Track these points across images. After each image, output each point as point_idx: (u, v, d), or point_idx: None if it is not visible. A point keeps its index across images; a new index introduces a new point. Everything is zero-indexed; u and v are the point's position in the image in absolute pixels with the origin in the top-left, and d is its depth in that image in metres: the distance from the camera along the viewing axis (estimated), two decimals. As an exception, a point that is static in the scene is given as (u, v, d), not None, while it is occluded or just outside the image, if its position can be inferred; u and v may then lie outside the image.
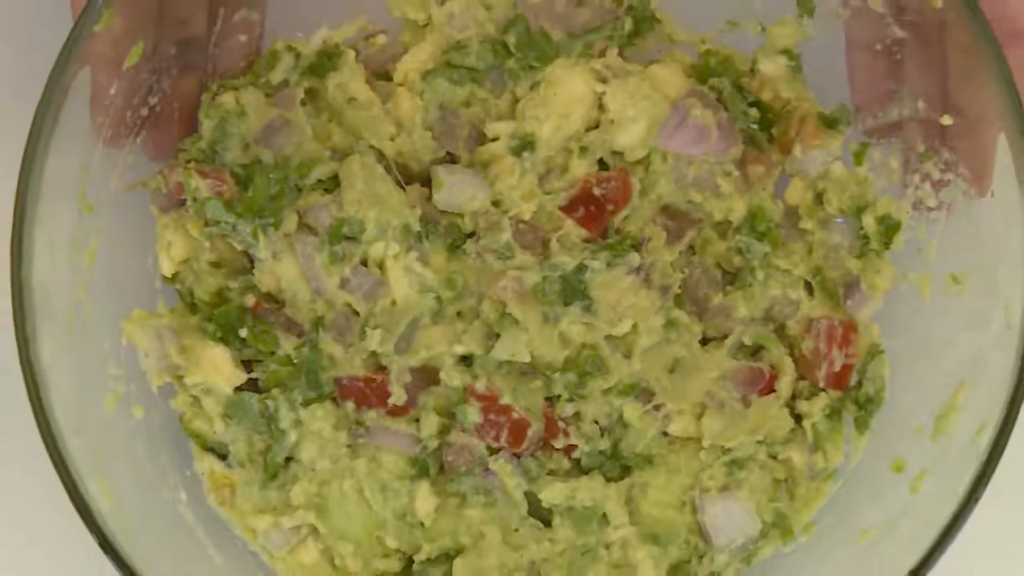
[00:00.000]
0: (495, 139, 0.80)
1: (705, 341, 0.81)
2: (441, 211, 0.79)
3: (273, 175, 0.76)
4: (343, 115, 0.80)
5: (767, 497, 0.79)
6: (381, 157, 0.80)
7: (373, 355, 0.78)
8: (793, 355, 0.80)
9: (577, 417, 0.79)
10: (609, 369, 0.78)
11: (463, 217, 0.79)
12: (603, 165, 0.81)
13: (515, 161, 0.79)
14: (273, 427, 0.78)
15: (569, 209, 0.79)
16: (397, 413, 0.79)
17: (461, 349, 0.78)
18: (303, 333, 0.78)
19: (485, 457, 0.78)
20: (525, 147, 0.79)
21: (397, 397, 0.78)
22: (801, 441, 0.79)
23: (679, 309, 0.80)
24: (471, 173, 0.79)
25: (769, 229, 0.79)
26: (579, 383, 0.78)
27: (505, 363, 0.78)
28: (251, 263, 0.79)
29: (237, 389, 0.78)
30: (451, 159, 0.82)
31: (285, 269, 0.78)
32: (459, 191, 0.78)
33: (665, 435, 0.80)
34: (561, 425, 0.79)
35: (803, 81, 0.80)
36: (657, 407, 0.79)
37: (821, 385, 0.79)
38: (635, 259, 0.78)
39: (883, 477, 0.76)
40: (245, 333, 0.78)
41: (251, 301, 0.78)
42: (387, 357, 0.78)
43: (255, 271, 0.79)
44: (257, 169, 0.77)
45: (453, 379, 0.78)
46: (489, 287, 0.78)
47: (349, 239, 0.77)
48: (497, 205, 0.79)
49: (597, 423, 0.80)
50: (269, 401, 0.78)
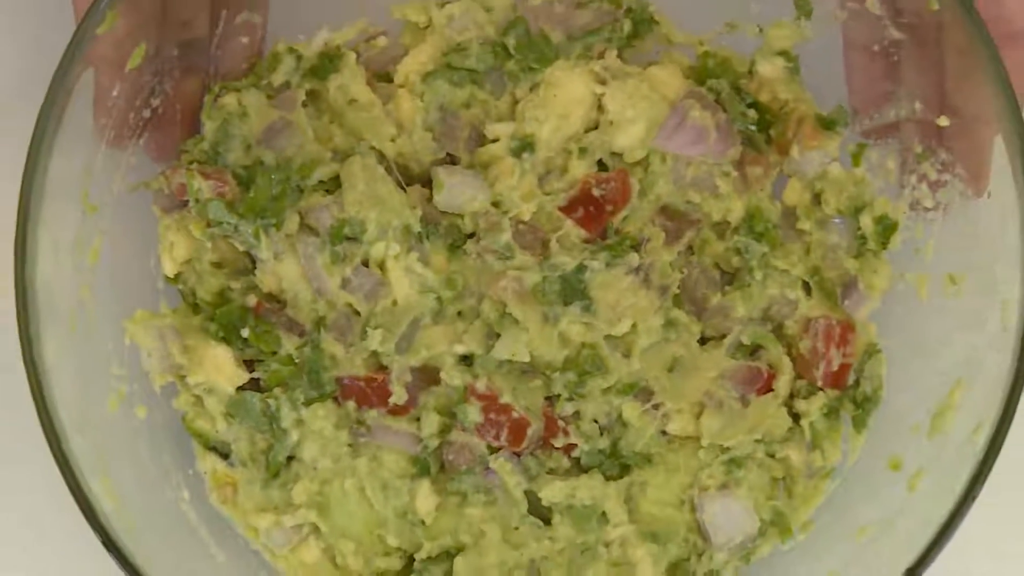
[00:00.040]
0: (495, 140, 0.80)
1: (704, 341, 0.81)
2: (441, 212, 0.79)
3: (275, 176, 0.76)
4: (344, 116, 0.80)
5: (765, 495, 0.79)
6: (382, 158, 0.80)
7: (374, 355, 0.78)
8: (791, 354, 0.80)
9: (577, 416, 0.79)
10: (608, 368, 0.78)
11: (463, 218, 0.79)
12: (602, 166, 0.81)
13: (515, 162, 0.79)
14: (275, 426, 0.78)
15: (569, 210, 0.79)
16: (398, 412, 0.79)
17: (461, 349, 0.78)
18: (305, 333, 0.78)
19: (485, 456, 0.78)
20: (525, 148, 0.79)
21: (398, 396, 0.78)
22: (799, 440, 0.79)
23: (678, 309, 0.80)
24: (471, 174, 0.79)
25: (767, 229, 0.79)
26: (579, 382, 0.78)
27: (505, 363, 0.78)
28: (253, 263, 0.79)
29: (239, 389, 0.78)
30: (451, 160, 0.82)
31: (287, 269, 0.78)
32: (459, 192, 0.78)
33: (664, 434, 0.80)
34: (561, 424, 0.79)
35: (801, 82, 0.80)
36: (656, 406, 0.79)
37: (819, 384, 0.79)
38: (634, 259, 0.78)
39: (880, 475, 0.76)
40: (247, 333, 0.78)
41: (253, 301, 0.78)
42: (388, 357, 0.78)
43: (257, 271, 0.79)
44: (259, 170, 0.77)
45: (453, 379, 0.78)
46: (489, 287, 0.78)
47: (350, 240, 0.77)
48: (497, 206, 0.79)
49: (596, 422, 0.80)
50: (271, 400, 0.78)
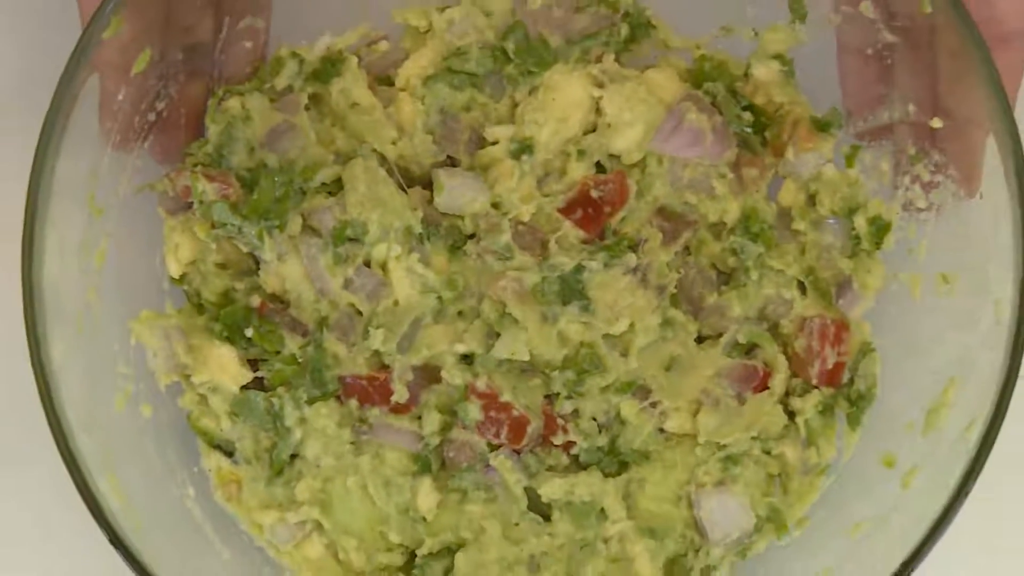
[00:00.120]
0: (495, 143, 0.80)
1: (700, 339, 0.81)
2: (442, 213, 0.79)
3: (278, 178, 0.76)
4: (346, 119, 0.80)
5: (761, 492, 0.79)
6: (383, 160, 0.80)
7: (376, 354, 0.78)
8: (786, 353, 0.80)
9: (575, 414, 0.79)
10: (607, 367, 0.78)
11: (464, 219, 0.79)
12: (600, 168, 0.81)
13: (514, 164, 0.79)
14: (278, 425, 0.78)
15: (567, 211, 0.79)
16: (400, 411, 0.79)
17: (462, 348, 0.78)
18: (308, 333, 0.78)
19: (486, 453, 0.79)
20: (524, 150, 0.79)
21: (399, 395, 0.78)
22: (794, 437, 0.80)
23: (675, 308, 0.80)
24: (471, 176, 0.79)
25: (763, 230, 0.80)
26: (577, 381, 0.78)
27: (505, 361, 0.78)
28: (257, 264, 0.79)
29: (243, 388, 0.79)
30: (452, 162, 0.82)
31: (290, 270, 0.78)
32: (460, 194, 0.78)
33: (661, 431, 0.80)
34: (560, 422, 0.79)
35: (795, 85, 0.80)
36: (654, 404, 0.79)
37: (814, 382, 0.79)
38: (632, 260, 0.78)
39: (875, 472, 0.76)
40: (251, 333, 0.77)
41: (257, 301, 0.78)
42: (390, 356, 0.78)
43: (260, 272, 0.79)
44: (262, 172, 0.77)
45: (454, 377, 0.78)
46: (489, 287, 0.78)
47: (352, 241, 0.77)
48: (497, 207, 0.79)
49: (595, 420, 0.80)
50: (274, 399, 0.78)
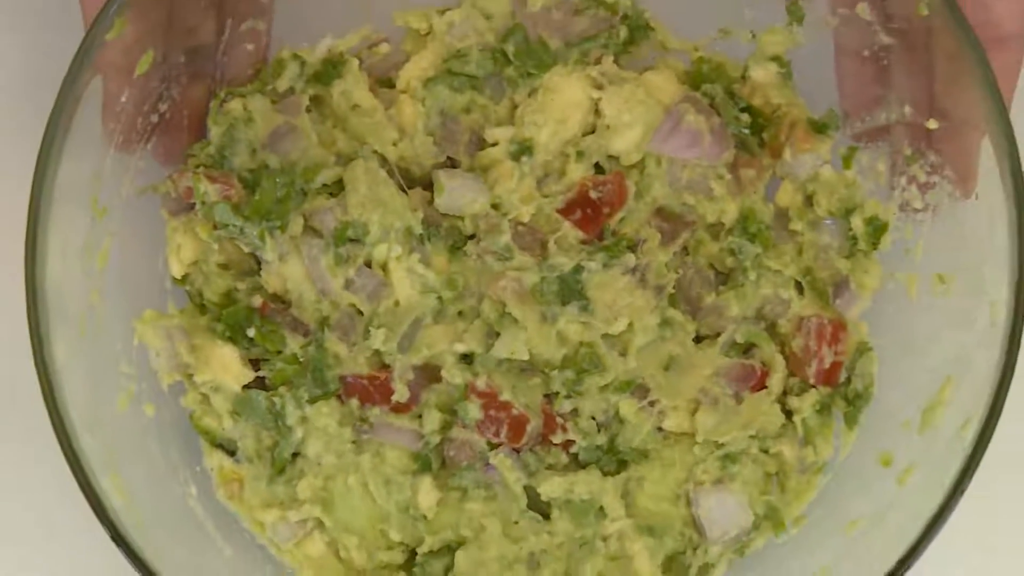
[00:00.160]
0: (495, 144, 0.80)
1: (699, 339, 0.81)
2: (442, 214, 0.79)
3: (279, 179, 0.76)
4: (347, 121, 0.80)
5: (759, 490, 0.79)
6: (384, 162, 0.80)
7: (377, 354, 0.78)
8: (784, 352, 0.80)
9: (575, 413, 0.79)
10: (606, 366, 0.78)
11: (464, 220, 0.79)
12: (599, 169, 0.81)
13: (514, 165, 0.79)
14: (280, 424, 0.78)
15: (566, 211, 0.79)
16: (400, 410, 0.79)
17: (462, 348, 0.78)
18: (309, 332, 0.78)
19: (486, 452, 0.79)
20: (524, 152, 0.79)
21: (400, 394, 0.78)
22: (792, 436, 0.80)
23: (673, 308, 0.80)
24: (471, 177, 0.80)
25: (760, 231, 0.80)
26: (577, 380, 0.78)
27: (505, 361, 0.78)
28: (258, 265, 0.79)
29: (245, 387, 0.79)
30: (452, 164, 0.82)
31: (291, 270, 0.78)
32: (460, 195, 0.79)
33: (660, 430, 0.80)
34: (559, 421, 0.79)
35: (793, 87, 0.80)
36: (652, 403, 0.79)
37: (811, 381, 0.79)
38: (631, 260, 0.78)
39: (871, 470, 0.76)
40: (253, 333, 0.78)
41: (258, 302, 0.78)
42: (390, 355, 0.78)
43: (262, 272, 0.79)
44: (264, 174, 0.77)
45: (454, 377, 0.78)
46: (489, 287, 0.78)
47: (353, 241, 0.77)
48: (497, 208, 0.79)
49: (594, 419, 0.80)
50: (276, 399, 0.78)
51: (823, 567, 0.75)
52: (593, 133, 0.81)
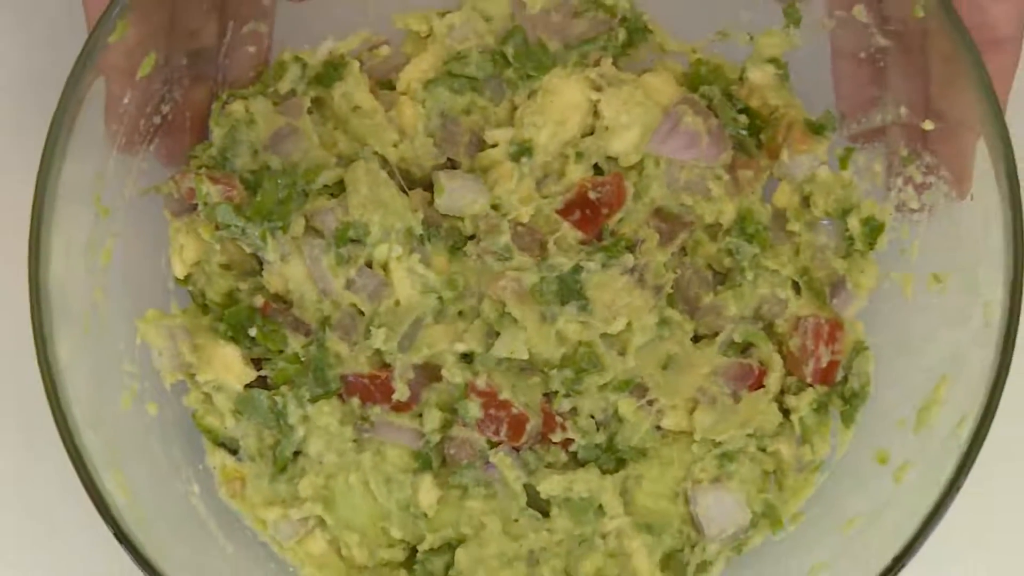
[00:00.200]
0: (494, 145, 0.81)
1: (697, 339, 0.81)
2: (442, 215, 0.79)
3: (281, 180, 0.76)
4: (348, 123, 0.81)
5: (757, 488, 0.79)
6: (385, 163, 0.80)
7: (378, 353, 0.79)
8: (781, 352, 0.81)
9: (574, 412, 0.79)
10: (604, 366, 0.78)
11: (464, 220, 0.79)
12: (598, 170, 0.81)
13: (514, 166, 0.79)
14: (282, 423, 0.78)
15: (566, 212, 0.80)
16: (401, 409, 0.79)
17: (462, 347, 0.78)
18: (310, 332, 0.78)
19: (485, 451, 0.79)
20: (523, 153, 0.79)
21: (401, 393, 0.78)
22: (789, 434, 0.80)
23: (672, 308, 0.80)
24: (471, 178, 0.80)
25: (758, 231, 0.80)
26: (576, 379, 0.78)
27: (504, 360, 0.78)
28: (260, 265, 0.79)
29: (247, 386, 0.79)
30: (452, 165, 0.82)
31: (293, 271, 0.78)
32: (460, 195, 0.79)
33: (658, 429, 0.80)
34: (558, 420, 0.79)
35: (790, 89, 0.80)
36: (651, 402, 0.79)
37: (808, 380, 0.80)
38: (629, 260, 0.78)
39: (868, 468, 0.76)
40: (255, 332, 0.78)
41: (260, 302, 0.79)
42: (391, 355, 0.78)
43: (264, 273, 0.79)
44: (266, 175, 0.77)
45: (455, 376, 0.78)
46: (489, 287, 0.78)
47: (354, 242, 0.77)
48: (496, 209, 0.79)
49: (593, 418, 0.80)
50: (278, 398, 0.78)
51: (820, 564, 0.75)
52: (592, 134, 0.81)
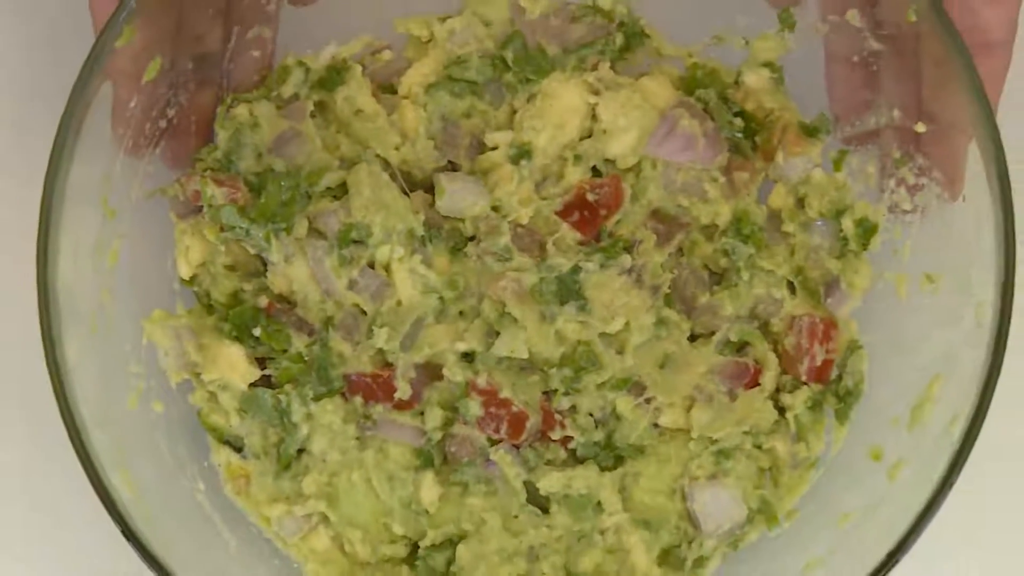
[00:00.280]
0: (494, 148, 0.81)
1: (693, 338, 0.81)
2: (443, 216, 0.80)
3: (285, 183, 0.76)
4: (351, 126, 0.81)
5: (753, 485, 0.79)
6: (387, 165, 0.80)
7: (380, 352, 0.79)
8: (777, 351, 0.81)
9: (573, 410, 0.79)
10: (603, 364, 0.78)
11: (464, 222, 0.80)
12: (596, 172, 0.81)
13: (513, 169, 0.80)
14: (286, 421, 0.79)
15: (564, 214, 0.80)
16: (403, 407, 0.79)
17: (463, 346, 0.78)
18: (314, 332, 0.78)
19: (486, 448, 0.79)
20: (523, 156, 0.80)
21: (403, 392, 0.78)
22: (785, 432, 0.80)
23: (669, 308, 0.80)
24: (472, 180, 0.80)
25: (753, 232, 0.80)
26: (574, 378, 0.78)
27: (504, 359, 0.78)
28: (264, 266, 0.79)
29: (251, 385, 0.79)
30: (453, 167, 0.82)
31: (296, 271, 0.78)
32: (460, 197, 0.79)
33: (656, 427, 0.80)
34: (558, 418, 0.79)
35: (785, 92, 0.80)
36: (648, 400, 0.79)
37: (803, 379, 0.80)
38: (627, 261, 0.78)
39: (862, 465, 0.77)
40: (259, 332, 0.78)
41: (264, 302, 0.79)
42: (393, 354, 0.78)
43: (268, 273, 0.79)
44: (269, 177, 0.77)
45: (455, 375, 0.78)
46: (489, 288, 0.78)
47: (357, 243, 0.78)
48: (496, 210, 0.79)
49: (592, 416, 0.80)
50: (282, 396, 0.78)
51: (815, 559, 0.75)
52: (590, 137, 0.81)
